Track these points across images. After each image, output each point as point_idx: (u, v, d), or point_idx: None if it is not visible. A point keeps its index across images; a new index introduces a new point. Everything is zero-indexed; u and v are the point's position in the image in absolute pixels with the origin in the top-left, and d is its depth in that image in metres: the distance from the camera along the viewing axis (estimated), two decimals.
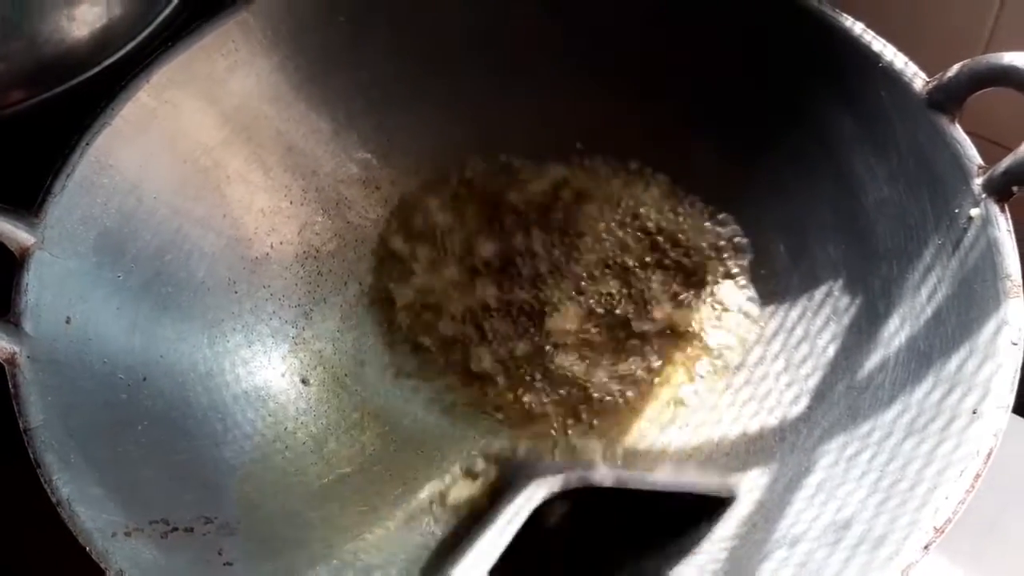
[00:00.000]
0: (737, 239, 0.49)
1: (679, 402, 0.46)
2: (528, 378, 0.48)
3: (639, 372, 0.47)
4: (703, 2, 0.47)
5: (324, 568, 0.39)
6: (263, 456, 0.44)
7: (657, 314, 0.48)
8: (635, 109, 0.50)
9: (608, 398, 0.47)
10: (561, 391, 0.47)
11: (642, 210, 0.51)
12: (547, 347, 0.48)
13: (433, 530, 0.37)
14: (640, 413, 0.46)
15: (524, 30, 0.50)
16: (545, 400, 0.47)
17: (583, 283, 0.50)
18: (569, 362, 0.48)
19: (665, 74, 0.49)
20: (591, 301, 0.49)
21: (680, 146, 0.50)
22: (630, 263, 0.50)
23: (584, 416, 0.46)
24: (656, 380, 0.47)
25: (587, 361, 0.48)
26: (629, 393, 0.47)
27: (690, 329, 0.48)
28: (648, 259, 0.50)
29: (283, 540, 0.40)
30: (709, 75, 0.48)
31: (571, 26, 0.50)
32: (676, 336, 0.48)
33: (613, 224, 0.51)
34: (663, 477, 0.43)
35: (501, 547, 0.39)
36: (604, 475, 0.42)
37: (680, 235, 0.50)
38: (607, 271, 0.50)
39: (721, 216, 0.49)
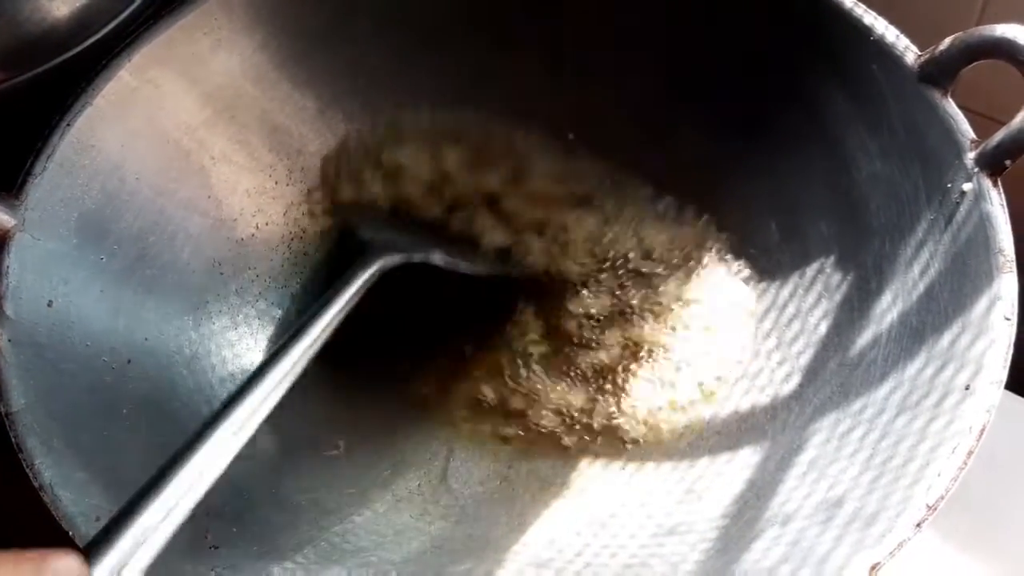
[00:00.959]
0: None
1: (671, 382, 0.46)
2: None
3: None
4: None
5: (312, 550, 0.39)
6: (250, 439, 0.43)
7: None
8: (622, 89, 0.50)
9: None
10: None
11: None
12: None
13: (422, 510, 0.36)
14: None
15: (509, 7, 0.49)
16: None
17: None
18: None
19: (651, 50, 0.48)
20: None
21: (668, 124, 0.49)
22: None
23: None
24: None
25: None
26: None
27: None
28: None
29: (270, 523, 0.40)
30: (697, 51, 0.47)
31: (555, 5, 0.49)
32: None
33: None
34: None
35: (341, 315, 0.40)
36: (438, 257, 0.45)
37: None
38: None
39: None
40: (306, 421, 0.45)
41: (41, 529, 0.33)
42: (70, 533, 0.33)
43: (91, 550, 0.28)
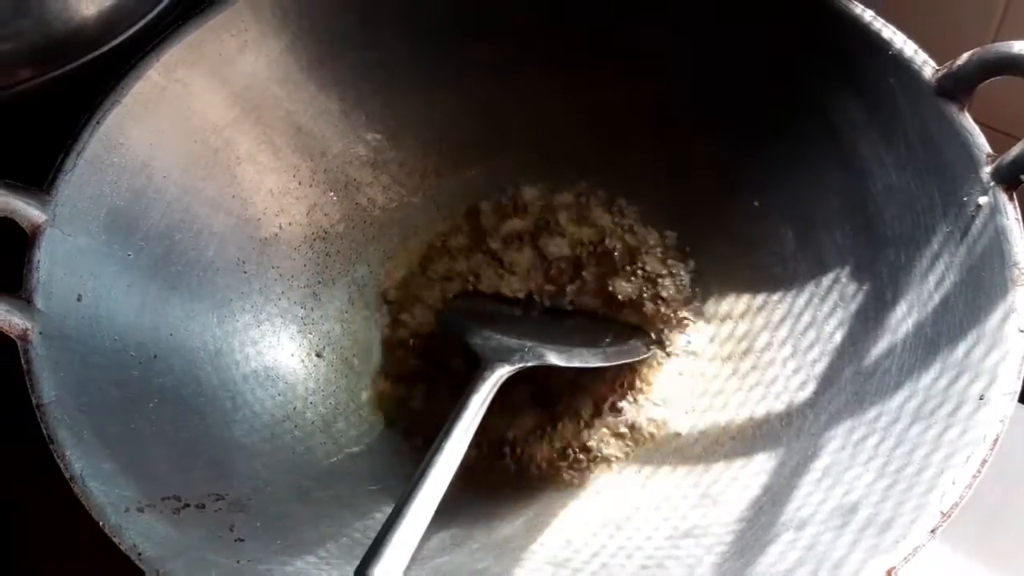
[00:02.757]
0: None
1: (687, 389, 0.47)
2: None
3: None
4: None
5: (334, 545, 0.39)
6: (272, 435, 0.44)
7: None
8: (643, 94, 0.50)
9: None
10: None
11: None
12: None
13: (441, 509, 0.37)
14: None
15: (527, 15, 0.50)
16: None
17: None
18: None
19: (670, 61, 0.49)
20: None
21: (685, 133, 0.50)
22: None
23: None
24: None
25: None
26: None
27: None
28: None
29: (293, 517, 0.40)
30: (717, 63, 0.48)
31: (576, 11, 0.50)
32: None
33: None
34: (598, 359, 0.46)
35: (476, 425, 0.40)
36: (554, 356, 0.44)
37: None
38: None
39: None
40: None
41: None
42: (100, 523, 0.34)
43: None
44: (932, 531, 0.32)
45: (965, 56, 0.39)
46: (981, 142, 0.39)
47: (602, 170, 0.52)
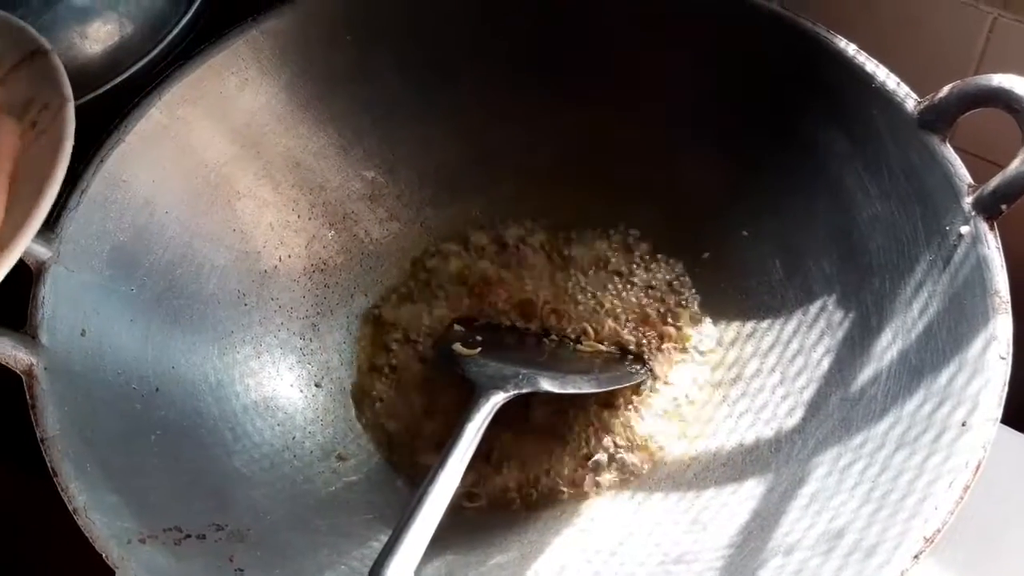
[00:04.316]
0: None
1: (678, 415, 0.47)
2: None
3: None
4: (698, 25, 0.48)
5: (332, 574, 0.40)
6: (272, 465, 0.45)
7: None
8: (629, 126, 0.51)
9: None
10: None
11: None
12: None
13: (436, 536, 0.38)
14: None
15: (520, 47, 0.51)
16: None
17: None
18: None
19: (659, 95, 0.50)
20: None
21: (673, 164, 0.51)
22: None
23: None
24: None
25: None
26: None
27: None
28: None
29: (292, 547, 0.41)
30: (703, 96, 0.49)
31: (570, 40, 0.51)
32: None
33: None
34: (591, 386, 0.46)
35: (474, 448, 0.41)
36: (548, 383, 0.45)
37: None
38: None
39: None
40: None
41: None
42: (103, 555, 0.35)
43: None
44: (916, 556, 0.33)
45: (946, 89, 0.40)
46: (962, 172, 0.40)
47: (598, 198, 0.53)
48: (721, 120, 0.49)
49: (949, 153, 0.40)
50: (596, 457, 0.46)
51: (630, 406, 0.47)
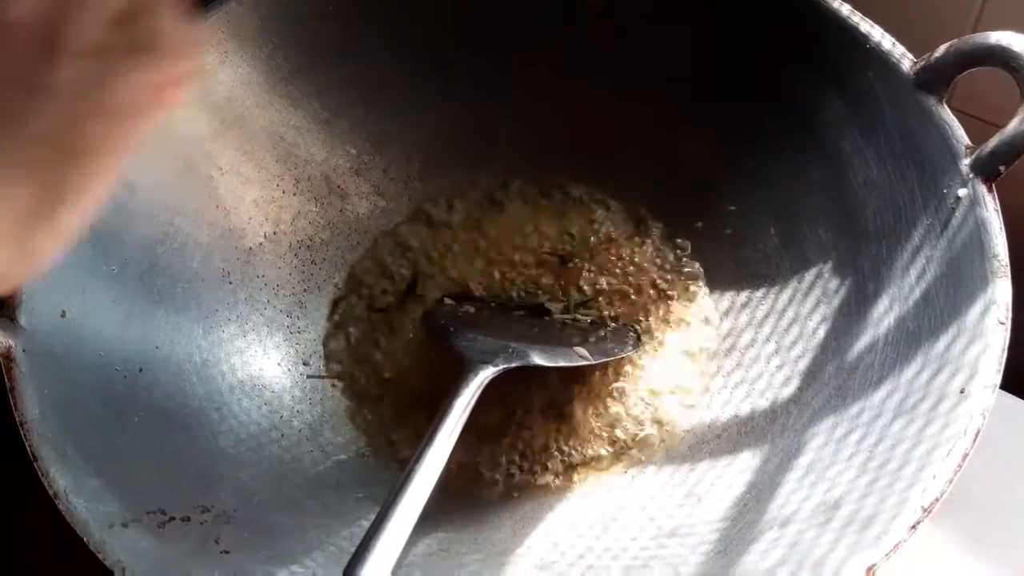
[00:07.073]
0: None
1: (672, 387, 0.47)
2: None
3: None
4: None
5: (320, 554, 0.39)
6: (259, 445, 0.44)
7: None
8: (623, 97, 0.50)
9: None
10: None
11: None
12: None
13: (428, 514, 0.37)
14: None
15: (512, 20, 0.50)
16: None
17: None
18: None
19: (650, 62, 0.49)
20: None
21: (667, 134, 0.50)
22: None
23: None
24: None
25: None
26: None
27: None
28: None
29: (279, 527, 0.40)
30: (693, 59, 0.48)
31: (565, 21, 0.50)
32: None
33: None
34: (582, 359, 0.45)
35: (463, 423, 0.40)
36: (539, 356, 0.44)
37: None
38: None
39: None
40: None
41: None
42: (85, 539, 0.34)
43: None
44: (913, 526, 0.32)
45: (942, 48, 0.39)
46: (960, 134, 0.39)
47: (587, 169, 0.53)
48: (710, 85, 0.48)
49: (946, 114, 0.39)
50: (587, 430, 0.45)
51: (622, 379, 0.47)
